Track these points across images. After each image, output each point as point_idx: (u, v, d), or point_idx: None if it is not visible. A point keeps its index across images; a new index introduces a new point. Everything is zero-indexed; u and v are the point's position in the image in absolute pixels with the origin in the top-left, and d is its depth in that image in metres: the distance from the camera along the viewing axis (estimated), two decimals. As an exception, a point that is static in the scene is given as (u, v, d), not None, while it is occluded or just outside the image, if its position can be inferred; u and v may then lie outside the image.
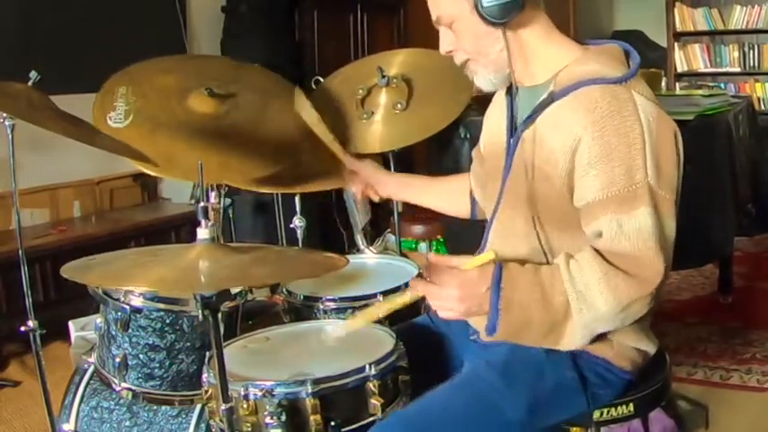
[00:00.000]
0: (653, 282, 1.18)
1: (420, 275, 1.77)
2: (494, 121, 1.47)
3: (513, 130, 1.36)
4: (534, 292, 1.20)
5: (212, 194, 2.07)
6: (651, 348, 1.39)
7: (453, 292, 1.23)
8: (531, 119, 1.30)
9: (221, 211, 2.29)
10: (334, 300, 1.72)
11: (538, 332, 1.23)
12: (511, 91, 1.37)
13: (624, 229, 1.19)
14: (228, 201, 3.04)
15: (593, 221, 1.22)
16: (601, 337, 1.31)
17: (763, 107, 5.62)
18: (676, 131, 1.26)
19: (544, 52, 1.32)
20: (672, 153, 1.23)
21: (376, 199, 1.81)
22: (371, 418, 1.33)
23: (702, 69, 5.87)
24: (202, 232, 1.23)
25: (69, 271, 1.17)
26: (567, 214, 1.26)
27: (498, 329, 1.23)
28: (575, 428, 1.39)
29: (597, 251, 1.21)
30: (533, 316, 1.21)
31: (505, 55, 1.28)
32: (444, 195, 1.73)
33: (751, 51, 5.69)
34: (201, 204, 1.23)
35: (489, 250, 1.27)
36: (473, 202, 1.66)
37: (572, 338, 1.22)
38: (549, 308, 1.20)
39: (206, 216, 1.22)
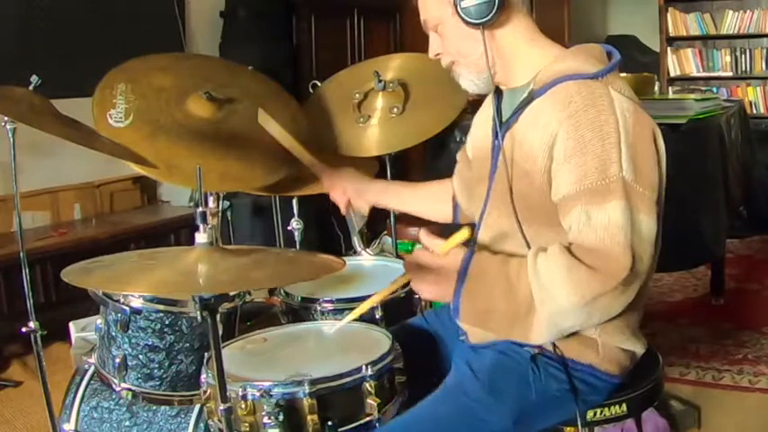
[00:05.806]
0: (617, 276, 1.15)
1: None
2: (480, 125, 1.48)
3: (498, 132, 1.36)
4: (499, 281, 1.22)
5: (211, 197, 2.08)
6: (639, 349, 1.38)
7: (429, 277, 1.30)
8: (512, 119, 1.32)
9: (219, 213, 2.31)
10: (331, 301, 1.74)
11: (502, 321, 1.23)
12: (495, 93, 1.38)
13: (592, 221, 1.17)
14: (227, 204, 3.06)
15: (566, 215, 1.22)
16: (585, 339, 1.31)
17: (754, 111, 5.66)
18: (655, 129, 1.25)
19: (526, 54, 1.33)
20: (650, 150, 1.22)
21: (364, 211, 1.82)
22: (368, 418, 1.34)
23: (695, 74, 5.90)
24: (200, 236, 1.23)
25: (70, 275, 1.17)
26: (549, 212, 1.26)
27: (461, 315, 1.26)
28: (568, 428, 1.40)
29: (566, 246, 1.20)
30: (496, 305, 1.22)
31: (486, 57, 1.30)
32: (425, 200, 1.73)
33: (743, 56, 5.73)
34: (200, 210, 1.23)
35: (463, 229, 1.29)
36: (455, 206, 1.65)
37: (538, 332, 1.21)
38: (512, 298, 1.20)
39: (204, 221, 1.23)
